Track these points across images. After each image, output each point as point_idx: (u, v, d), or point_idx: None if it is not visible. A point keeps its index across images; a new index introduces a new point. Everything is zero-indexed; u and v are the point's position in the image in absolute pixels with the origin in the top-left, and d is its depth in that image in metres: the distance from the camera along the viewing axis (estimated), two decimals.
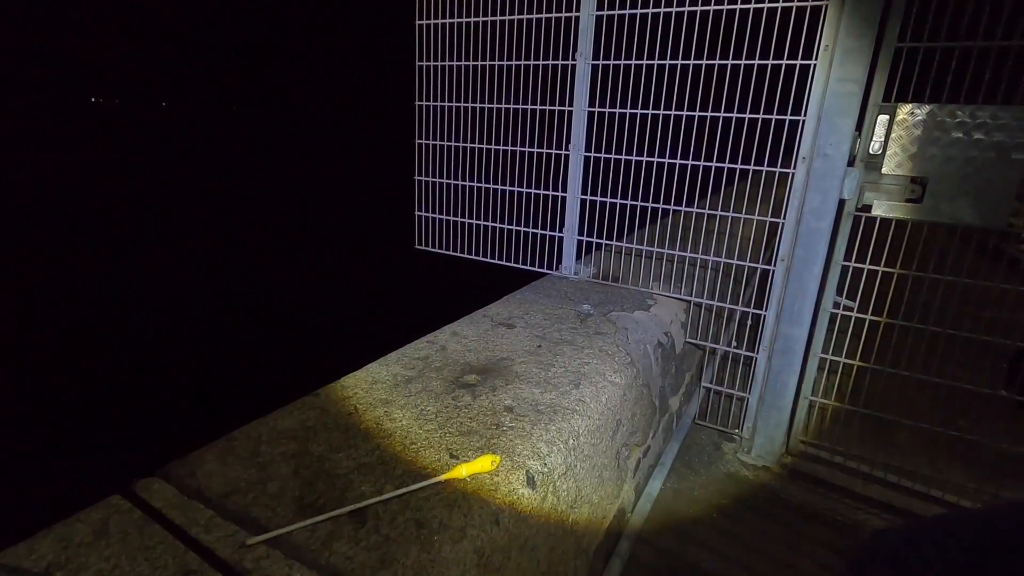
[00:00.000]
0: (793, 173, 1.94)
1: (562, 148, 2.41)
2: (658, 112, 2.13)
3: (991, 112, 1.64)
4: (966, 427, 1.98)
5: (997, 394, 1.89)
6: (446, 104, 2.63)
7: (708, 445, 2.33)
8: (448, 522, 0.99)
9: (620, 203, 2.31)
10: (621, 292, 2.36)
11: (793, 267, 2.00)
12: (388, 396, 1.42)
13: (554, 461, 1.25)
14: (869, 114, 1.82)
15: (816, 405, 2.17)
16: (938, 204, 1.78)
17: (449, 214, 2.77)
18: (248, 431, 1.24)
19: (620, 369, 1.69)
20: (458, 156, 2.66)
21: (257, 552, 0.91)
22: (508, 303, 2.17)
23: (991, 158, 1.67)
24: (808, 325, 2.03)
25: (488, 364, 1.63)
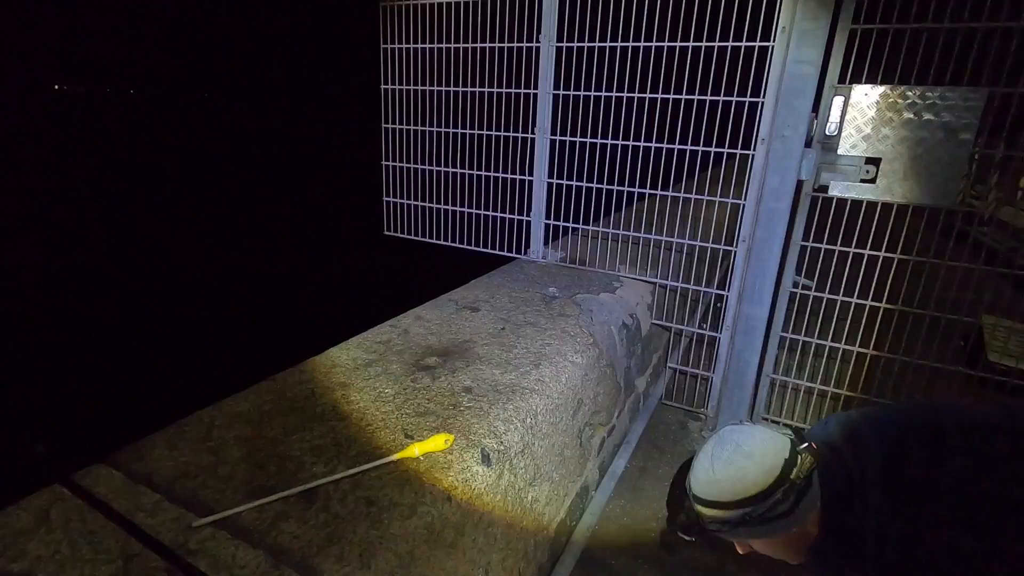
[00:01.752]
0: (753, 155, 1.97)
1: (528, 132, 2.40)
2: (622, 95, 2.13)
3: (940, 93, 1.68)
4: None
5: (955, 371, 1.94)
6: (412, 88, 2.60)
7: (675, 424, 2.37)
8: (398, 500, 1.00)
9: (587, 187, 2.32)
10: (588, 275, 2.38)
11: (754, 248, 2.03)
12: (347, 379, 1.41)
13: (511, 439, 1.26)
14: (825, 96, 1.84)
15: (777, 383, 2.22)
16: (891, 184, 1.82)
17: (417, 199, 2.75)
18: (201, 416, 1.23)
19: (582, 350, 1.70)
20: (425, 140, 2.64)
21: (203, 534, 0.91)
22: (475, 287, 2.17)
23: (940, 138, 1.71)
24: (769, 305, 2.07)
25: (450, 347, 1.63)
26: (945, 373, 1.92)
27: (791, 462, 0.90)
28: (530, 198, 2.50)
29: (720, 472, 0.92)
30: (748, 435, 0.95)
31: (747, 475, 0.90)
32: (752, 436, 0.94)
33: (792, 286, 2.06)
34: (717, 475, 0.92)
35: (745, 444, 0.93)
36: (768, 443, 0.92)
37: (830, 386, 2.11)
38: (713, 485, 0.92)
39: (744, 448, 0.92)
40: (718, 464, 0.93)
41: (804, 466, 0.90)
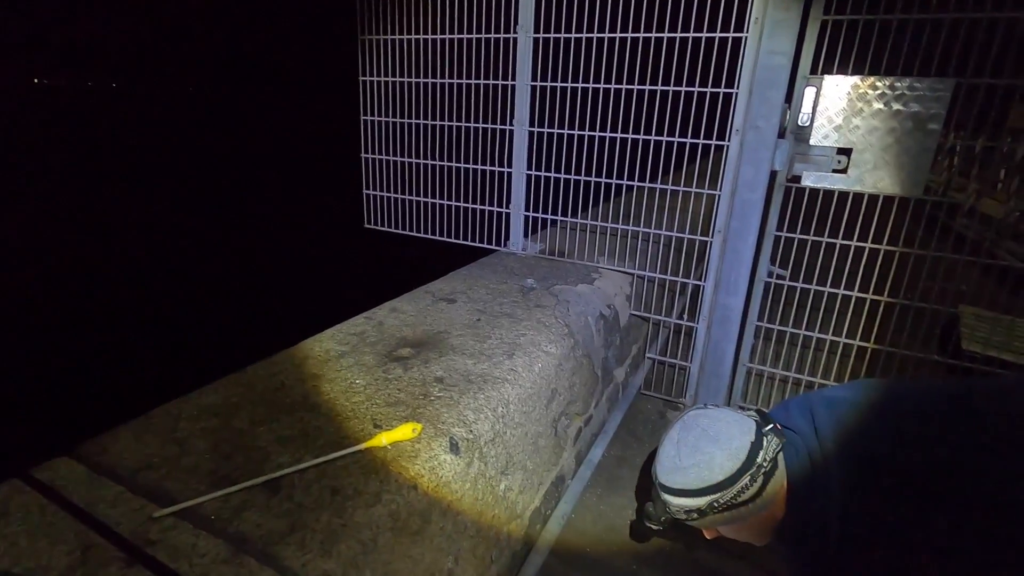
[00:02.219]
0: (728, 145, 1.98)
1: (507, 123, 2.40)
2: (599, 86, 2.14)
3: (908, 83, 1.70)
4: None
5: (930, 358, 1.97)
6: (391, 79, 2.59)
7: (654, 414, 2.39)
8: (363, 488, 1.00)
9: (566, 179, 2.32)
10: (567, 267, 2.39)
11: (729, 238, 2.05)
12: (318, 371, 1.41)
13: (480, 428, 1.26)
14: (797, 87, 1.86)
15: (753, 372, 2.24)
16: (862, 174, 1.84)
17: (398, 192, 2.74)
18: (168, 408, 1.22)
19: (556, 340, 1.71)
20: (404, 133, 2.63)
21: (164, 524, 0.90)
22: (453, 279, 2.17)
23: (909, 128, 1.73)
24: (744, 294, 2.09)
25: (424, 338, 1.63)
26: (920, 361, 1.95)
27: (757, 445, 0.90)
28: (510, 190, 2.50)
29: (686, 460, 0.92)
30: (713, 419, 0.95)
31: (713, 461, 0.89)
32: (717, 420, 0.94)
33: (767, 276, 2.08)
34: (683, 463, 0.92)
35: (711, 429, 0.93)
36: (734, 427, 0.92)
37: (804, 374, 2.14)
38: (679, 473, 0.92)
39: (710, 433, 0.92)
40: (684, 451, 0.93)
41: (770, 449, 0.90)
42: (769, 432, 0.92)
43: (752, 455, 0.89)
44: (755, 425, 0.92)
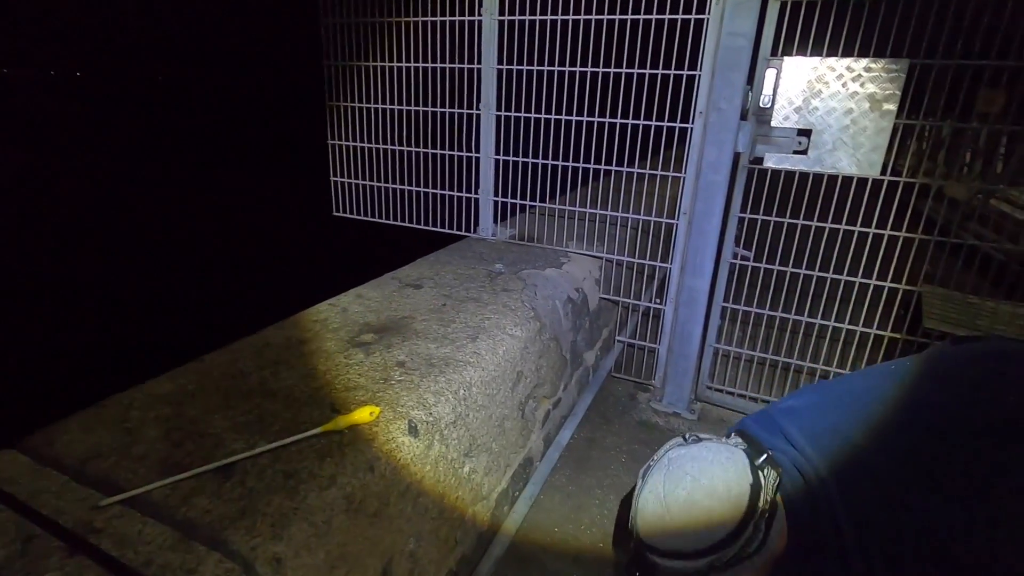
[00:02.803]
0: (692, 128, 1.99)
1: (474, 108, 2.38)
2: (564, 69, 2.13)
3: (864, 64, 1.72)
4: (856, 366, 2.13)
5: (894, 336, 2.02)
6: (355, 64, 2.54)
7: (624, 396, 2.42)
8: (317, 471, 0.99)
9: (533, 163, 2.32)
10: (537, 252, 2.39)
11: (694, 220, 2.07)
12: (278, 358, 1.39)
13: (441, 411, 1.26)
14: (759, 68, 1.87)
15: (720, 352, 2.28)
16: (821, 155, 1.86)
17: (365, 179, 2.70)
18: (120, 398, 1.20)
19: (522, 323, 1.71)
20: (371, 118, 2.59)
21: (109, 512, 0.89)
22: (420, 265, 2.16)
23: (865, 109, 1.76)
24: (710, 276, 2.11)
25: (388, 323, 1.62)
26: (882, 339, 2.00)
27: (756, 486, 0.77)
28: (478, 176, 2.48)
29: (679, 516, 0.77)
30: (702, 462, 0.81)
31: (713, 517, 0.75)
32: (707, 463, 0.81)
33: (732, 257, 2.11)
34: (675, 520, 0.77)
35: (702, 477, 0.79)
36: (728, 469, 0.79)
37: (769, 354, 2.18)
38: (672, 535, 0.78)
39: (702, 482, 0.78)
40: (674, 506, 0.78)
41: (769, 487, 0.77)
42: (764, 464, 0.79)
43: (753, 499, 0.75)
44: (747, 460, 0.80)
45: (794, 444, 0.84)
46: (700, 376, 2.30)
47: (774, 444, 0.86)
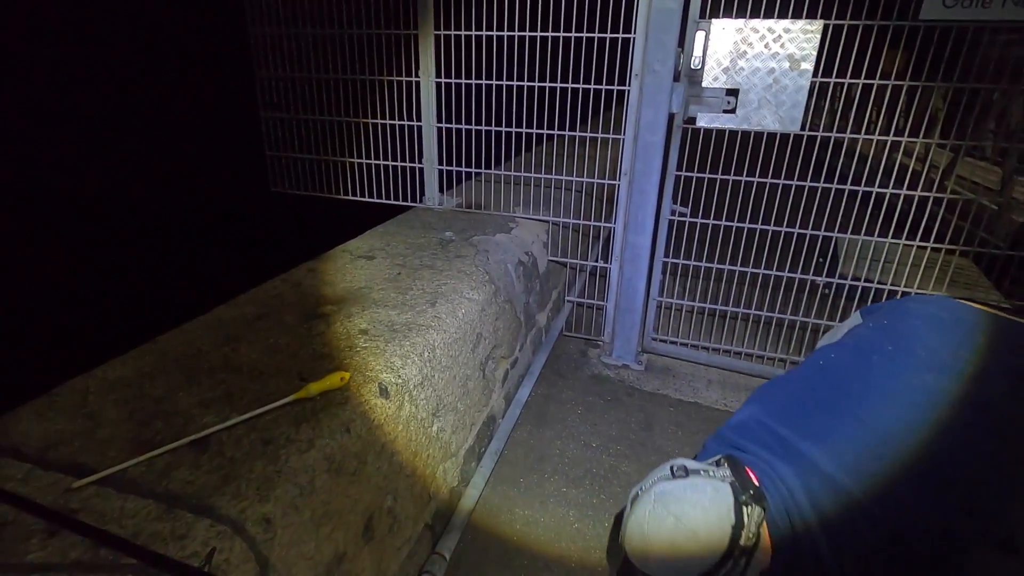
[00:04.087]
0: (628, 90, 2.06)
1: (413, 75, 2.35)
2: (503, 34, 2.13)
3: (784, 26, 1.84)
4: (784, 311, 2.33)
5: (816, 280, 2.21)
6: (284, 32, 2.44)
7: (576, 353, 2.53)
8: (295, 436, 1.02)
9: (476, 130, 2.32)
10: (484, 218, 2.42)
11: (635, 180, 2.16)
12: (236, 334, 1.37)
13: (408, 372, 1.30)
14: (689, 31, 1.95)
15: (662, 304, 2.42)
16: (749, 114, 1.99)
17: (303, 152, 2.62)
18: (73, 385, 1.16)
19: (478, 286, 1.76)
20: (305, 89, 2.50)
21: (84, 493, 0.88)
22: (369, 237, 2.15)
23: (785, 68, 1.88)
24: (651, 233, 2.22)
25: (345, 295, 1.62)
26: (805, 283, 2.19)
27: (738, 526, 0.81)
28: (421, 145, 2.47)
29: (659, 553, 0.83)
30: (686, 504, 0.84)
31: (693, 556, 0.80)
32: (691, 506, 0.84)
33: (670, 214, 2.22)
34: (656, 556, 0.83)
35: (685, 519, 0.83)
36: (711, 512, 0.83)
37: (707, 303, 2.33)
38: (652, 564, 0.84)
39: (684, 524, 0.82)
40: (655, 546, 0.84)
41: (752, 524, 0.82)
42: (749, 500, 0.83)
43: (735, 538, 0.80)
44: (733, 500, 0.83)
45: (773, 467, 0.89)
46: (645, 329, 2.44)
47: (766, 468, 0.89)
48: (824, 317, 2.22)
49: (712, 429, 2.02)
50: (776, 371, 2.29)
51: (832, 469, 0.83)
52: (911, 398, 0.90)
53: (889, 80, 1.88)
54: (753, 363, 2.33)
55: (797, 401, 0.97)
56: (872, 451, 0.84)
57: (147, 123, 5.15)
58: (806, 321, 2.23)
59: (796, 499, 0.84)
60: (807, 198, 2.02)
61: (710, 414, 2.14)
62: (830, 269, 2.26)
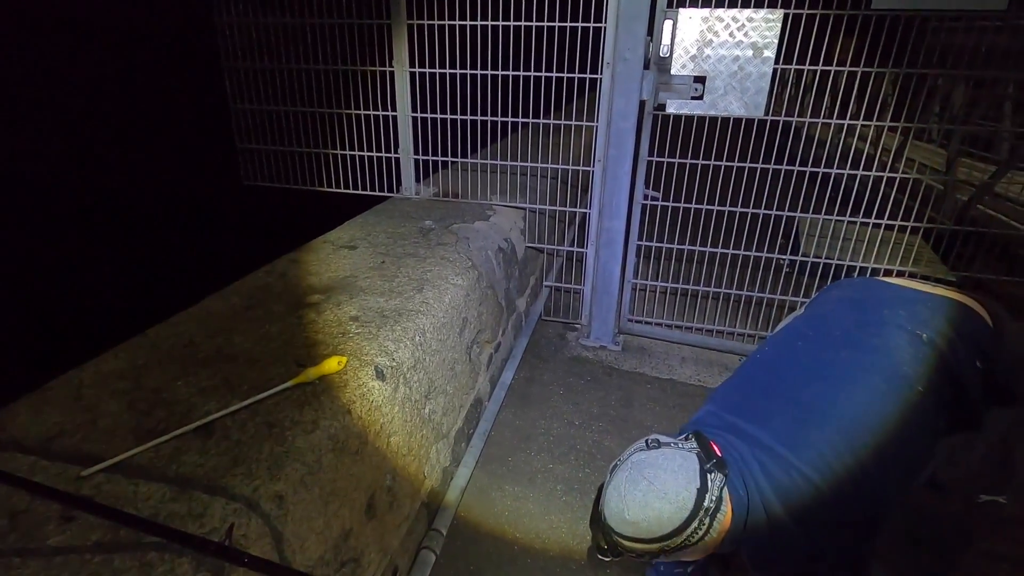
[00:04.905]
0: (600, 78, 2.12)
1: (386, 65, 2.35)
2: (476, 23, 2.16)
3: (747, 15, 1.92)
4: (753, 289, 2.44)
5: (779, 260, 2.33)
6: (253, 21, 2.40)
7: (555, 337, 2.60)
8: (299, 419, 1.05)
9: (452, 119, 2.35)
10: (462, 207, 2.46)
11: (608, 166, 2.23)
12: (227, 325, 1.38)
13: (402, 356, 1.34)
14: (657, 20, 2.02)
15: (637, 287, 2.50)
16: (715, 100, 2.07)
17: (276, 144, 2.60)
18: (67, 379, 1.16)
19: (462, 272, 1.80)
20: (276, 79, 2.47)
21: (95, 480, 0.90)
22: (349, 227, 2.16)
23: (750, 56, 1.97)
24: (625, 217, 2.30)
25: (331, 284, 1.64)
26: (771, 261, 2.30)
27: (703, 490, 0.92)
28: (396, 135, 2.48)
29: (635, 514, 0.92)
30: (659, 469, 0.95)
31: (663, 516, 0.91)
32: (663, 470, 0.94)
33: (643, 199, 2.30)
34: (632, 517, 0.93)
35: (656, 481, 0.93)
36: (680, 476, 0.93)
37: (679, 283, 2.43)
38: (629, 525, 0.93)
39: (656, 487, 0.93)
40: (632, 506, 0.93)
41: (715, 488, 0.93)
42: (712, 467, 0.95)
43: (699, 502, 0.91)
44: (699, 466, 0.94)
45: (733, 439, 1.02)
46: (621, 311, 2.52)
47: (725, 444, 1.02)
48: (789, 293, 2.34)
49: (687, 404, 2.15)
50: (745, 346, 2.41)
51: (773, 443, 0.98)
52: (830, 374, 1.05)
53: (844, 67, 1.99)
54: (724, 339, 2.44)
55: (741, 392, 1.13)
56: (803, 424, 0.99)
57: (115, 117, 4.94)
58: (772, 298, 2.35)
59: (750, 468, 0.98)
60: (771, 181, 2.13)
61: (685, 389, 2.24)
62: (793, 248, 2.39)
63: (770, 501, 0.95)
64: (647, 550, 0.94)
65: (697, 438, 1.01)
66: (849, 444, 0.94)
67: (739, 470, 0.98)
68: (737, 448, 1.01)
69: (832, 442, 0.94)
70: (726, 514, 0.95)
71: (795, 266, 2.35)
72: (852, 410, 0.98)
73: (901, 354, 1.02)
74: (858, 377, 1.01)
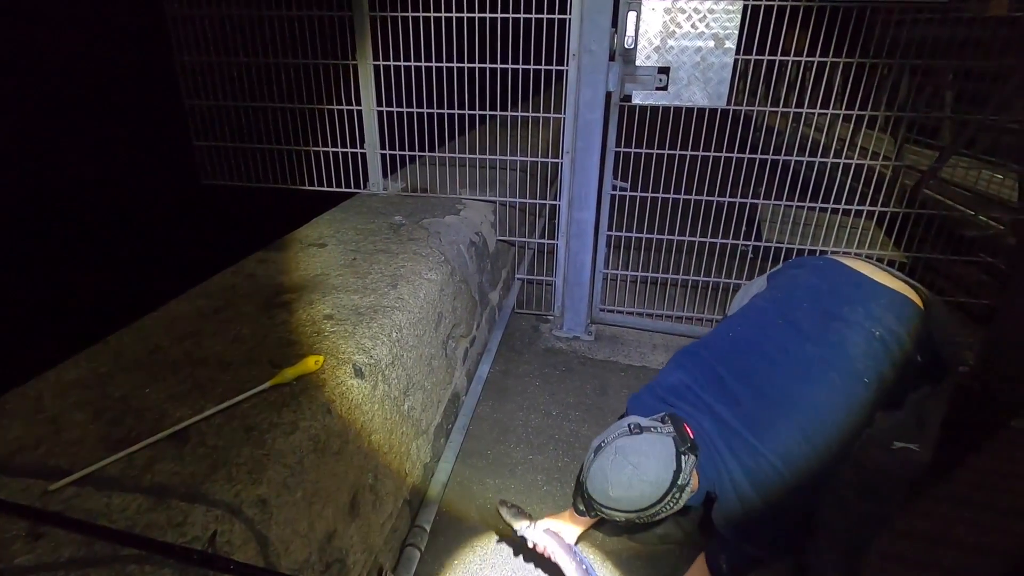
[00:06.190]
0: (567, 70, 2.13)
1: (349, 59, 2.30)
2: (440, 15, 2.13)
3: (708, 6, 1.96)
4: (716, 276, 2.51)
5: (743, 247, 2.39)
6: (206, 13, 2.31)
7: (528, 329, 2.61)
8: (278, 420, 1.02)
9: (419, 112, 2.32)
10: (432, 201, 2.43)
11: (577, 158, 2.24)
12: (194, 328, 1.34)
13: (380, 353, 1.32)
14: (621, 11, 2.04)
15: (608, 276, 2.54)
16: (679, 91, 2.11)
17: (236, 141, 2.51)
18: (23, 391, 1.10)
19: (435, 267, 1.79)
20: (233, 73, 2.39)
21: (64, 494, 0.85)
22: (317, 224, 2.12)
23: (711, 47, 2.01)
24: (595, 208, 2.32)
25: (302, 282, 1.61)
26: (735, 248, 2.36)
27: (678, 470, 1.07)
28: (362, 130, 2.43)
29: (618, 492, 1.08)
30: (642, 456, 1.08)
31: (643, 494, 1.06)
32: (646, 456, 1.08)
33: (612, 189, 2.33)
34: (615, 494, 1.08)
35: (640, 467, 1.07)
36: (660, 462, 1.07)
37: (649, 272, 2.47)
38: (611, 500, 1.09)
39: (639, 472, 1.07)
40: (616, 486, 1.08)
41: (688, 467, 1.08)
42: (686, 450, 1.09)
43: (674, 481, 1.06)
44: (675, 450, 1.08)
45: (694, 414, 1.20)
46: (593, 301, 2.55)
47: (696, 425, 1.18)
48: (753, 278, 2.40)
49: None
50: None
51: (742, 428, 1.13)
52: (795, 366, 1.18)
53: (802, 57, 2.06)
54: (692, 325, 2.50)
55: (715, 372, 1.24)
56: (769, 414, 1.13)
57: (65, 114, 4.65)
58: (738, 283, 2.41)
59: (720, 453, 1.13)
60: (734, 170, 2.18)
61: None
62: (756, 235, 2.46)
63: (739, 481, 1.10)
64: (626, 518, 1.10)
65: (673, 421, 1.14)
66: (808, 438, 1.09)
67: (710, 453, 1.14)
68: (707, 429, 1.16)
69: (794, 435, 1.09)
70: (695, 488, 1.12)
71: (758, 252, 2.42)
72: (812, 405, 1.12)
73: (856, 350, 1.16)
74: (818, 372, 1.15)
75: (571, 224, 2.35)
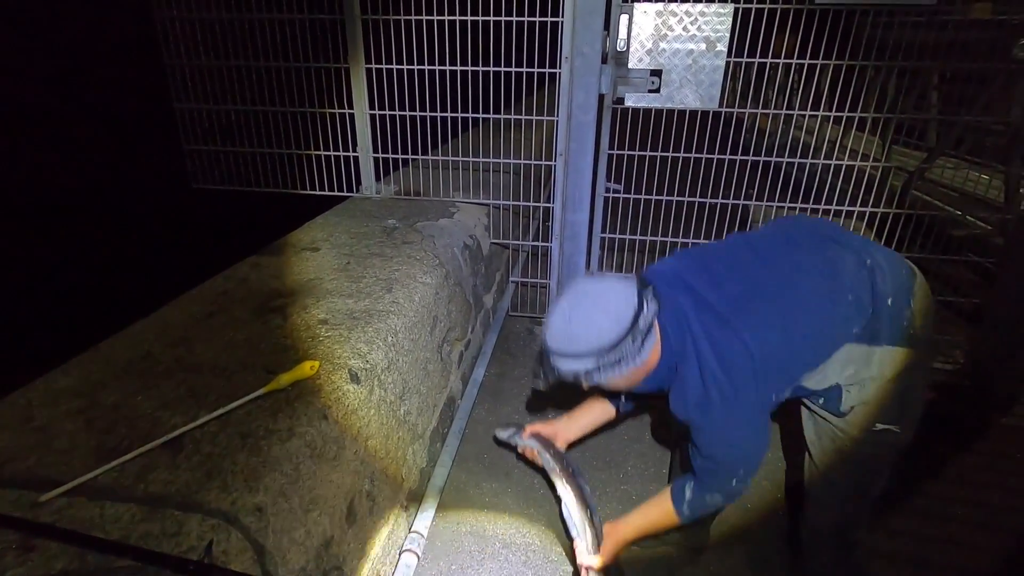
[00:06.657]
0: (560, 72, 2.13)
1: (341, 62, 2.29)
2: (432, 18, 2.13)
3: (700, 9, 1.97)
4: None
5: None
6: (197, 16, 2.29)
7: (523, 332, 2.60)
8: (274, 427, 1.01)
9: (411, 116, 2.31)
10: (425, 204, 2.43)
11: (570, 160, 2.24)
12: (187, 334, 1.32)
13: (375, 358, 1.31)
14: (613, 14, 2.04)
15: None
16: (672, 93, 2.12)
17: (227, 144, 2.49)
18: (12, 400, 1.08)
19: (430, 271, 1.78)
20: (224, 77, 2.37)
21: (56, 505, 0.84)
22: (310, 228, 2.10)
23: (703, 49, 2.02)
24: (588, 211, 2.32)
25: (296, 287, 1.59)
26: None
27: (639, 309, 1.01)
28: (353, 132, 2.42)
29: (577, 328, 1.02)
30: (602, 289, 1.05)
31: (603, 328, 1.00)
32: (607, 290, 1.04)
33: (605, 191, 2.33)
34: (574, 331, 1.02)
35: (600, 299, 1.03)
36: (620, 295, 1.03)
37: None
38: (570, 340, 1.02)
39: (599, 302, 1.03)
40: (575, 320, 1.02)
41: (649, 311, 1.03)
42: (648, 295, 1.04)
43: (635, 319, 1.00)
44: (637, 292, 1.04)
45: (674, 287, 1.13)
46: None
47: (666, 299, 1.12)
48: None
49: None
50: None
51: (719, 303, 1.09)
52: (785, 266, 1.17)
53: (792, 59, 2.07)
54: None
55: (703, 261, 1.22)
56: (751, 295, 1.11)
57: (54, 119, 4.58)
58: None
59: (689, 320, 1.09)
60: (726, 171, 2.19)
61: None
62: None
63: (705, 356, 1.06)
64: (583, 368, 1.02)
65: (639, 281, 1.09)
66: (785, 327, 1.08)
67: (679, 324, 1.09)
68: (682, 306, 1.11)
69: (772, 321, 1.07)
70: (656, 342, 1.06)
71: None
72: (796, 299, 1.11)
73: (846, 266, 1.15)
74: (807, 274, 1.14)
75: (565, 226, 2.35)
